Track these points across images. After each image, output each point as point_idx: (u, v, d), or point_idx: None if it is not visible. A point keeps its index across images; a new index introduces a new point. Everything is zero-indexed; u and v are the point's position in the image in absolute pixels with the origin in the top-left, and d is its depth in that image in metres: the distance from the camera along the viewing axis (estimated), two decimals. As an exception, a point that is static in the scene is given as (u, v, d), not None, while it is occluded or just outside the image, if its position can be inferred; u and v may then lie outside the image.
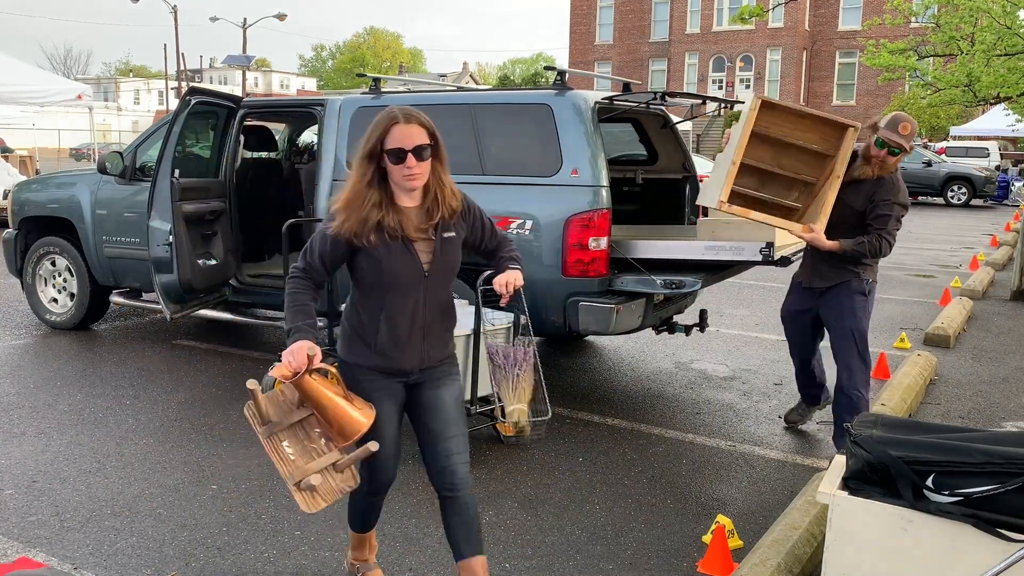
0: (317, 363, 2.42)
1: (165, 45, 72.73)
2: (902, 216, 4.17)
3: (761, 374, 6.03)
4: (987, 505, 2.54)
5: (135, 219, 6.23)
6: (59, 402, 5.09)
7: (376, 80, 5.75)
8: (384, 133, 2.48)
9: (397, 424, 2.72)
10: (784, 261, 4.83)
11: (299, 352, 2.40)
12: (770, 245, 4.58)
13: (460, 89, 6.03)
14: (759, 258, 4.64)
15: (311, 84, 79.75)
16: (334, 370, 2.53)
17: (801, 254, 5.19)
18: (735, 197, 4.30)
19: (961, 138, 29.33)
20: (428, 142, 2.49)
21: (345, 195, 2.53)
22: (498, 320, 4.40)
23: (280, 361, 2.42)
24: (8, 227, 7.12)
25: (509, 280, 2.66)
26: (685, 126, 28.55)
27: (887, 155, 4.06)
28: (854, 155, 4.23)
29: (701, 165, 6.05)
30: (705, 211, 5.59)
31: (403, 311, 2.59)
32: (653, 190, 6.28)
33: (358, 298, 2.63)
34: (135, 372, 5.76)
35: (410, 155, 2.46)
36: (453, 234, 2.63)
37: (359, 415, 2.48)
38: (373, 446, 2.48)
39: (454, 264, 2.65)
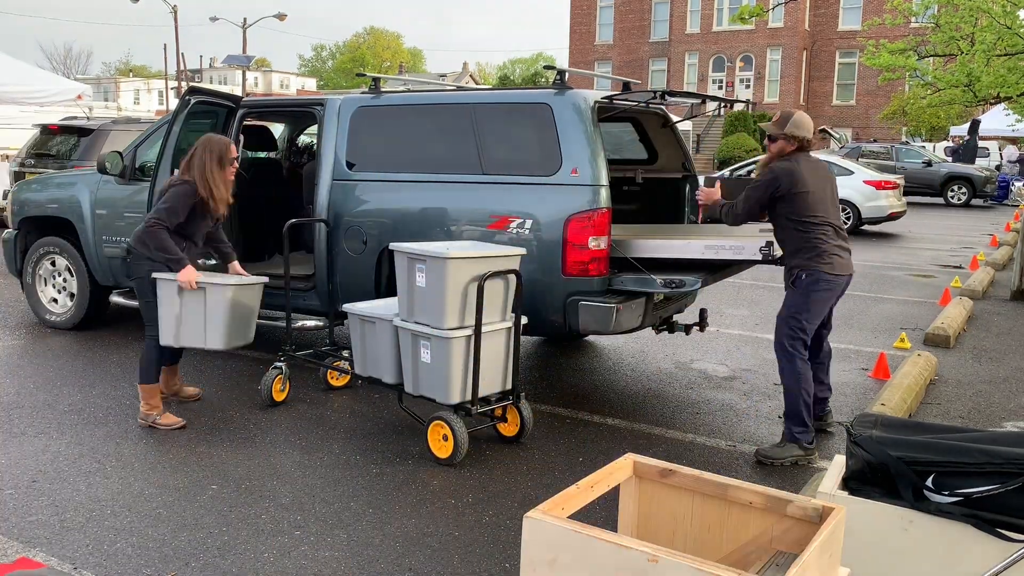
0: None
1: (165, 45, 72.80)
2: (758, 187, 4.32)
3: (761, 374, 6.02)
4: (987, 505, 2.54)
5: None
6: (59, 402, 5.09)
7: (376, 80, 5.75)
8: None
9: None
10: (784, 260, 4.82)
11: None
12: (770, 244, 4.58)
13: (460, 89, 6.03)
14: (759, 257, 4.64)
15: (311, 84, 79.74)
16: None
17: None
18: None
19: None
20: None
21: None
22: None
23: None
24: (8, 227, 7.13)
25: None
26: (685, 126, 28.53)
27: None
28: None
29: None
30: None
31: None
32: (653, 190, 6.28)
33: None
34: (135, 372, 5.75)
35: None
36: None
37: None
38: None
39: None
